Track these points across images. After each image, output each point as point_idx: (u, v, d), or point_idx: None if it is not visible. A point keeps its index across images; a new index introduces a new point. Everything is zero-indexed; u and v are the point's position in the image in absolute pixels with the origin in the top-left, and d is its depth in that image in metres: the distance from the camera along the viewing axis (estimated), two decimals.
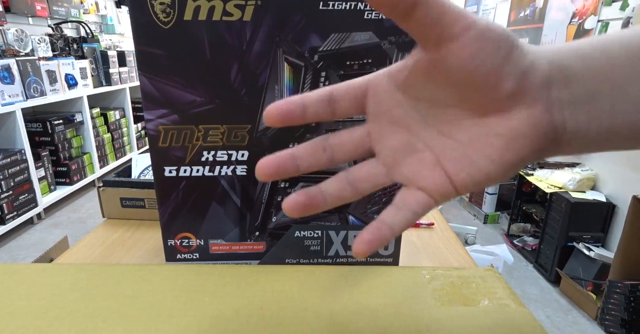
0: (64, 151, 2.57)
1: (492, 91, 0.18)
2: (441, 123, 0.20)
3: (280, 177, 0.21)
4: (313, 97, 0.21)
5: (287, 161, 0.21)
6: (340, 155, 0.22)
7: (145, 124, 0.38)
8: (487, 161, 0.19)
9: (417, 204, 0.21)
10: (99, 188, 0.59)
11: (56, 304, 0.35)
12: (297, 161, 0.21)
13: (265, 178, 0.21)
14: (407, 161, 0.21)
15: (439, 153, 0.20)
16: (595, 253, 1.65)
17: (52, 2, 2.81)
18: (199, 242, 0.43)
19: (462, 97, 0.19)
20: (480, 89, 0.18)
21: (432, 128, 0.21)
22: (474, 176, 0.20)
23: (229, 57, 0.36)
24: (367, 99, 0.21)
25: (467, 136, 0.20)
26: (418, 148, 0.21)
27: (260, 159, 0.21)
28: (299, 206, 0.21)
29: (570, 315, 1.62)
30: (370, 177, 0.22)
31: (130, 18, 0.35)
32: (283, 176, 0.21)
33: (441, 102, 0.20)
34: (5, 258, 1.95)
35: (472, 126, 0.20)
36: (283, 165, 0.21)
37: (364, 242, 0.20)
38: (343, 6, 0.35)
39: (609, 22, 1.80)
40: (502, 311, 0.36)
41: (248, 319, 0.34)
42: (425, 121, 0.21)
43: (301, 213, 0.21)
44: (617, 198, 1.71)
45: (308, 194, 0.21)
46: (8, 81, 2.05)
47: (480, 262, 1.36)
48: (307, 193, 0.21)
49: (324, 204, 0.21)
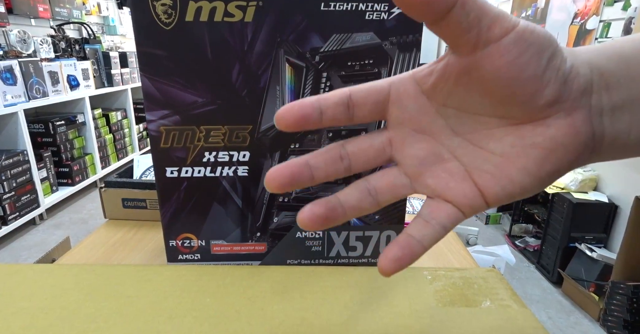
0: (66, 151, 2.57)
1: (531, 98, 0.17)
2: (471, 132, 0.19)
3: (293, 189, 0.19)
4: (330, 100, 0.19)
5: (301, 170, 0.19)
6: (359, 164, 0.20)
7: (146, 125, 0.38)
8: (522, 173, 0.18)
9: (447, 218, 0.19)
10: (100, 189, 0.59)
11: (58, 305, 0.35)
12: (312, 170, 0.19)
13: (277, 189, 0.19)
14: (432, 171, 0.19)
15: (468, 164, 0.19)
16: (597, 253, 1.64)
17: (54, 3, 2.82)
18: (200, 243, 0.43)
19: (496, 105, 0.18)
20: (518, 97, 0.17)
21: (460, 137, 0.19)
22: (507, 189, 0.18)
23: (231, 58, 0.36)
24: (389, 104, 0.20)
25: (499, 146, 0.18)
26: (444, 158, 0.19)
27: (270, 169, 0.19)
28: (319, 219, 0.19)
29: (572, 316, 1.61)
30: (392, 188, 0.20)
31: (132, 19, 0.35)
32: (297, 186, 0.19)
33: (472, 109, 0.18)
34: (8, 258, 1.96)
35: (506, 135, 0.18)
36: (298, 175, 0.19)
37: (393, 260, 0.18)
38: (344, 7, 0.35)
39: (611, 22, 1.80)
40: (503, 312, 0.36)
41: (249, 320, 0.34)
42: (453, 129, 0.19)
43: (319, 227, 0.19)
44: (620, 199, 1.71)
45: (327, 206, 0.19)
46: (10, 82, 2.06)
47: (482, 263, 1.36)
48: (326, 204, 0.19)
49: (344, 216, 0.19)
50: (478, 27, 0.15)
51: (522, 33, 0.16)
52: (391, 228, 0.43)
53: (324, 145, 0.39)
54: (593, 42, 1.90)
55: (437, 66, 0.18)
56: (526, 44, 0.16)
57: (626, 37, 0.19)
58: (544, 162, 0.17)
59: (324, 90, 0.38)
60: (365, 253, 0.44)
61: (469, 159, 0.19)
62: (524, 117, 0.17)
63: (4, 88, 2.01)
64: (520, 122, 0.18)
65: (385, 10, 0.35)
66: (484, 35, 0.16)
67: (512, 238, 2.20)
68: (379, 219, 0.43)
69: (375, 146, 0.20)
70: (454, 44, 0.17)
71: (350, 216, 0.20)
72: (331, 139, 0.39)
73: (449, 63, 0.18)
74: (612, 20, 1.79)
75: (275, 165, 0.19)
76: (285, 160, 0.40)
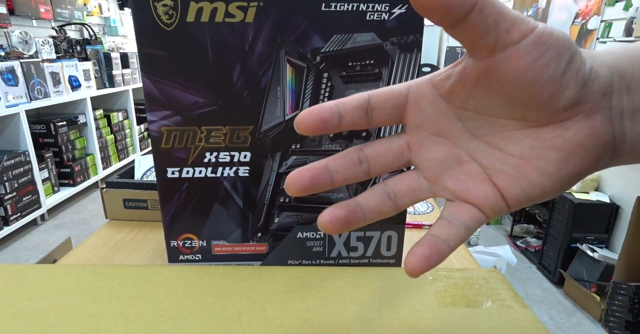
0: (68, 152, 2.58)
1: (550, 101, 0.17)
2: (489, 134, 0.19)
3: (313, 192, 0.19)
4: (349, 104, 0.19)
5: (322, 173, 0.19)
6: (377, 168, 0.20)
7: (148, 126, 0.38)
8: (542, 175, 0.18)
9: (470, 219, 0.19)
10: (102, 189, 0.59)
11: (59, 305, 0.35)
12: (332, 174, 0.19)
13: (297, 192, 0.19)
14: (451, 174, 0.20)
15: (488, 167, 0.19)
16: (599, 254, 1.64)
17: (55, 4, 2.83)
18: (201, 243, 0.43)
19: (514, 108, 0.18)
20: (537, 100, 0.17)
21: (478, 139, 0.19)
22: (527, 191, 0.18)
23: (232, 58, 0.36)
24: (407, 108, 0.20)
25: (518, 149, 0.18)
26: (463, 160, 0.19)
27: (291, 173, 0.19)
28: (339, 221, 0.19)
29: (574, 317, 1.61)
30: (411, 191, 0.20)
31: (133, 20, 0.35)
32: (317, 190, 0.19)
33: (490, 112, 0.19)
34: (9, 258, 1.96)
35: (525, 137, 0.18)
36: (318, 178, 0.19)
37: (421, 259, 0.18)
38: (345, 7, 0.35)
39: (612, 22, 1.79)
40: (505, 312, 0.36)
41: (250, 320, 0.34)
42: (471, 131, 0.19)
43: (339, 230, 0.19)
44: (621, 199, 1.70)
45: (347, 209, 0.19)
46: (12, 83, 2.06)
47: (483, 263, 1.36)
48: (347, 207, 0.19)
49: (363, 220, 0.19)
50: (496, 31, 0.15)
51: (540, 36, 0.16)
52: (392, 228, 0.43)
53: (324, 146, 0.39)
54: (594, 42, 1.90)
55: (454, 70, 0.18)
56: (545, 47, 0.16)
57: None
58: (564, 164, 0.17)
59: (325, 90, 0.38)
60: (366, 253, 0.44)
61: (488, 161, 0.19)
62: (543, 120, 0.17)
63: (5, 89, 2.02)
64: (539, 124, 0.18)
65: (386, 11, 0.35)
66: (503, 38, 0.16)
67: (513, 238, 2.19)
68: (380, 220, 0.43)
69: (394, 150, 0.20)
70: (472, 47, 0.17)
71: (370, 220, 0.20)
72: (332, 139, 0.39)
73: (467, 66, 0.18)
74: (614, 20, 1.79)
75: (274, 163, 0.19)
76: (286, 160, 0.40)
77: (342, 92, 0.38)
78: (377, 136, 0.39)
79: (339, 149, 0.40)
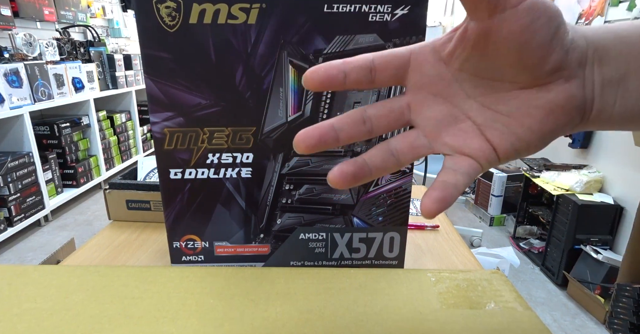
0: (71, 153, 2.59)
1: (538, 63, 0.19)
2: (482, 95, 0.21)
3: (320, 150, 0.21)
4: (354, 64, 0.21)
5: (328, 132, 0.21)
6: (380, 127, 0.22)
7: (151, 127, 0.38)
8: (527, 131, 0.20)
9: (470, 168, 0.21)
10: (105, 190, 0.59)
11: (63, 306, 0.36)
12: (337, 132, 0.21)
13: (306, 150, 0.20)
14: (449, 131, 0.21)
15: (481, 124, 0.21)
16: (603, 255, 1.63)
17: (59, 6, 2.85)
18: (204, 244, 0.43)
19: (506, 70, 0.20)
20: (527, 62, 0.19)
21: (472, 100, 0.21)
22: (515, 145, 0.20)
23: (234, 60, 0.36)
24: (409, 70, 0.21)
25: (507, 108, 0.21)
26: (459, 119, 0.21)
27: (299, 132, 0.20)
28: (348, 176, 0.20)
29: (577, 319, 1.60)
30: (412, 148, 0.22)
31: (136, 22, 0.35)
32: (324, 147, 0.21)
33: (484, 74, 0.20)
34: (13, 259, 1.97)
35: (513, 98, 0.20)
36: (325, 136, 0.21)
37: (436, 200, 0.19)
38: (347, 9, 0.35)
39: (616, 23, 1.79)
40: (508, 314, 0.36)
41: (253, 321, 0.34)
42: (467, 92, 0.21)
43: (348, 185, 0.21)
44: (625, 200, 1.69)
45: (355, 164, 0.21)
46: (16, 85, 2.07)
47: (486, 265, 1.35)
48: (354, 164, 0.21)
49: (369, 175, 0.21)
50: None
51: (535, 2, 0.17)
52: (394, 230, 0.43)
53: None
54: None
55: (455, 33, 0.20)
56: (539, 12, 0.17)
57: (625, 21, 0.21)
58: (545, 121, 0.20)
59: (327, 92, 0.38)
60: (368, 254, 0.44)
61: (482, 120, 0.21)
62: (530, 82, 0.20)
63: (10, 91, 2.03)
64: (525, 86, 0.20)
65: (388, 12, 0.35)
66: (504, 1, 0.17)
67: (516, 240, 2.19)
68: (383, 221, 0.43)
69: (396, 110, 0.22)
70: (474, 10, 0.18)
71: (375, 175, 0.21)
72: None
73: (468, 28, 0.19)
74: (617, 20, 1.78)
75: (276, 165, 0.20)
76: (289, 162, 0.40)
77: (344, 94, 0.38)
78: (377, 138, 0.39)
79: (340, 150, 0.40)
